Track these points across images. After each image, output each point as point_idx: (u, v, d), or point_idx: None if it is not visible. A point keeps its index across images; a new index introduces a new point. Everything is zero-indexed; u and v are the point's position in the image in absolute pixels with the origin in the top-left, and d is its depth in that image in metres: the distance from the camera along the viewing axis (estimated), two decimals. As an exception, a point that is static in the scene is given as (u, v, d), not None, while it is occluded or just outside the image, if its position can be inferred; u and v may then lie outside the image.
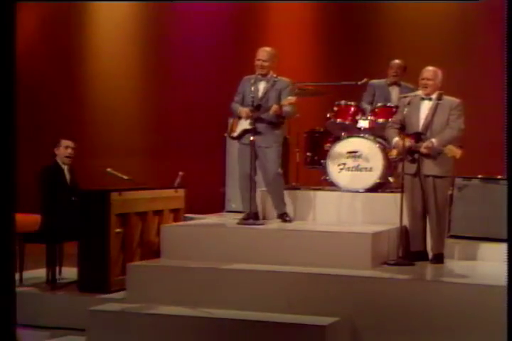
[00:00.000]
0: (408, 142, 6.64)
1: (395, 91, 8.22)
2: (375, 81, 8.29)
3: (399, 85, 8.22)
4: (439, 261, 6.72)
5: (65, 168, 7.38)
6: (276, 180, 7.31)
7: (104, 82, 13.22)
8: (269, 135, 7.17)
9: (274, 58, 7.22)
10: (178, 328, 5.89)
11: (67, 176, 7.37)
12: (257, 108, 7.11)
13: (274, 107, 7.02)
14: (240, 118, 7.21)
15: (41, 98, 13.32)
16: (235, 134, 7.24)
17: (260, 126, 7.14)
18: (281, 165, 7.36)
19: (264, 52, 7.22)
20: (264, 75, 7.23)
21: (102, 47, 13.31)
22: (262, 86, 7.23)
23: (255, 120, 7.11)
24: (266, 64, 7.19)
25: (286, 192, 7.50)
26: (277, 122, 7.23)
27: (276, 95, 7.16)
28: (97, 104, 13.20)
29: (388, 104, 7.87)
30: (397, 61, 8.28)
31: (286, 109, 7.09)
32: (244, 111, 7.13)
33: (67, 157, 7.36)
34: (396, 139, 6.78)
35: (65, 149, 7.37)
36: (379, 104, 7.91)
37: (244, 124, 7.17)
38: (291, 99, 7.05)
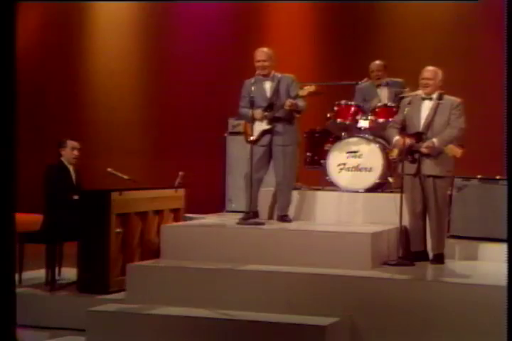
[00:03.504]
0: (409, 140, 6.65)
1: (383, 92, 8.19)
2: (362, 85, 8.26)
3: (386, 84, 8.19)
4: (440, 261, 6.72)
5: (71, 167, 7.37)
6: (290, 181, 7.31)
7: (105, 81, 13.23)
8: (287, 133, 7.20)
9: (272, 57, 7.26)
10: (178, 328, 5.88)
11: (73, 176, 7.37)
12: (270, 107, 7.13)
13: (289, 102, 7.04)
14: (253, 121, 7.18)
15: (41, 98, 13.33)
16: (253, 137, 7.14)
17: (277, 125, 7.16)
18: (296, 165, 7.38)
19: (262, 53, 7.25)
20: (266, 75, 7.24)
21: (102, 47, 13.32)
22: (268, 85, 7.25)
23: (271, 120, 7.12)
24: (266, 64, 7.21)
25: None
26: (291, 118, 7.24)
27: (285, 92, 7.19)
28: (98, 104, 13.20)
29: (389, 104, 7.87)
30: (376, 62, 8.24)
31: (300, 103, 7.11)
32: (257, 112, 7.11)
33: (73, 158, 7.35)
34: (397, 138, 6.79)
35: (71, 151, 7.35)
36: (379, 104, 7.91)
37: (261, 126, 7.16)
38: (310, 87, 7.09)
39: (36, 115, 13.06)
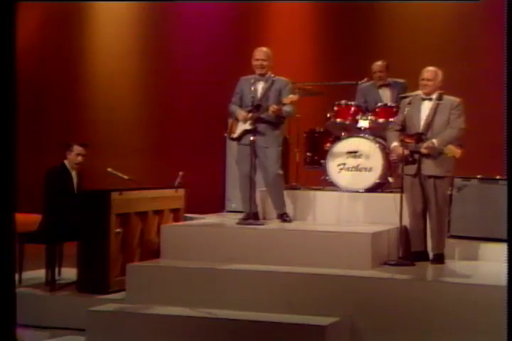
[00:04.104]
0: (406, 151, 6.63)
1: (385, 93, 8.17)
2: (363, 85, 8.24)
3: (388, 85, 8.18)
4: (440, 261, 6.72)
5: (73, 172, 7.36)
6: (277, 181, 7.31)
7: (104, 81, 13.23)
8: (269, 135, 7.18)
9: (271, 57, 7.26)
10: (178, 328, 5.88)
11: (75, 180, 7.36)
12: (257, 108, 7.12)
13: (273, 107, 7.02)
14: (238, 119, 7.22)
15: (41, 98, 13.33)
16: (235, 135, 7.24)
17: (260, 126, 7.15)
18: (281, 165, 7.37)
19: (262, 52, 7.25)
20: (262, 75, 7.24)
21: (102, 47, 13.32)
22: (260, 86, 7.24)
23: (255, 120, 7.12)
24: (265, 63, 7.21)
25: (286, 192, 7.50)
26: (277, 122, 7.24)
27: (276, 95, 7.17)
28: (98, 104, 13.20)
29: (389, 104, 7.86)
30: (378, 63, 8.20)
31: (286, 108, 7.10)
32: (241, 114, 7.14)
33: (76, 164, 7.35)
34: (394, 144, 6.78)
35: (76, 156, 7.32)
36: (379, 104, 7.90)
37: (244, 125, 7.17)
38: (293, 97, 7.06)
39: (36, 115, 13.06)
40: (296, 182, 8.09)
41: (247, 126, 7.14)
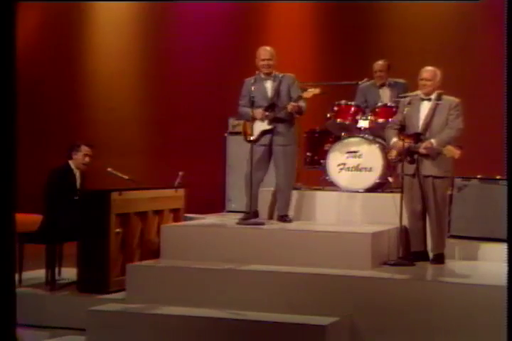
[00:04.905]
0: (407, 143, 6.64)
1: (385, 93, 8.18)
2: (363, 84, 8.25)
3: (388, 85, 8.18)
4: (440, 262, 6.72)
5: (78, 172, 7.36)
6: (290, 180, 7.31)
7: (104, 81, 13.22)
8: (287, 134, 7.22)
9: (275, 56, 7.29)
10: (178, 328, 5.89)
11: (78, 181, 7.36)
12: (271, 107, 7.13)
13: (292, 105, 7.04)
14: (253, 120, 7.17)
15: (41, 98, 13.32)
16: (253, 137, 7.14)
17: (278, 126, 7.16)
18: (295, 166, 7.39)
19: (267, 52, 7.26)
20: (268, 74, 7.24)
21: (102, 47, 13.32)
22: (268, 85, 7.25)
23: (272, 120, 7.12)
24: (271, 62, 7.24)
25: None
26: (292, 119, 7.26)
27: (287, 92, 7.19)
28: (98, 104, 13.20)
29: (389, 104, 7.86)
30: (380, 62, 8.22)
31: (302, 104, 7.12)
32: (259, 112, 7.11)
33: (84, 164, 7.35)
34: (394, 140, 6.79)
35: (83, 156, 7.33)
36: (379, 104, 7.91)
37: (262, 125, 7.15)
38: (315, 90, 7.09)
39: (36, 115, 13.05)
40: (296, 182, 8.08)
41: (266, 126, 7.14)
